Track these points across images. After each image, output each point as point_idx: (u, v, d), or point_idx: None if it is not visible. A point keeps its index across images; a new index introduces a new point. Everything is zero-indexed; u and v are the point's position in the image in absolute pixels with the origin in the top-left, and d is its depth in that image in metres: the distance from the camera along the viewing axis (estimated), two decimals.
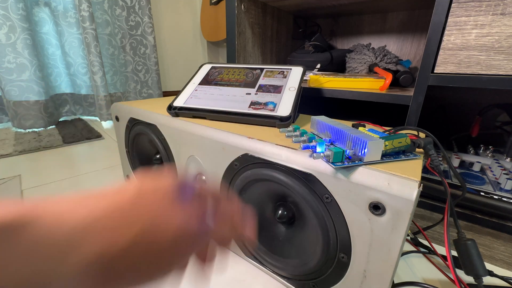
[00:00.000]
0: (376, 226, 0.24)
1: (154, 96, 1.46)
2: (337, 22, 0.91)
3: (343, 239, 0.27)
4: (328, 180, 0.26)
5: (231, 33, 0.69)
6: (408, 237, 0.43)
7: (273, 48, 0.85)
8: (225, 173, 0.36)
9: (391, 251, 0.24)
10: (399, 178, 0.23)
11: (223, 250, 0.21)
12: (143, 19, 1.32)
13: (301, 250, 0.32)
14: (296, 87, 0.42)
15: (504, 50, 0.37)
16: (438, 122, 0.71)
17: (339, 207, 0.26)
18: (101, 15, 1.19)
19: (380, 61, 0.64)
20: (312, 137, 0.30)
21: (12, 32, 0.96)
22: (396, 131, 0.34)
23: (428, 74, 0.42)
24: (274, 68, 0.47)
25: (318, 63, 0.69)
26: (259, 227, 0.36)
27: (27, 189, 0.60)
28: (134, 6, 1.28)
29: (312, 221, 0.29)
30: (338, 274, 0.29)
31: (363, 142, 0.25)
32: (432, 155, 0.29)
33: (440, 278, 0.37)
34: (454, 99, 0.69)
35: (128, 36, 1.31)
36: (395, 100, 0.48)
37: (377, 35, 0.84)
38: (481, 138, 0.63)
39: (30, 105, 1.05)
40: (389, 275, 0.25)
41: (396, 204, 0.22)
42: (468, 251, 0.30)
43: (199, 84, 0.47)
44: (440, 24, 0.40)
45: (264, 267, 0.37)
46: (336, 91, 0.54)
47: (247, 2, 0.69)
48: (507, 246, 0.40)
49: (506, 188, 0.43)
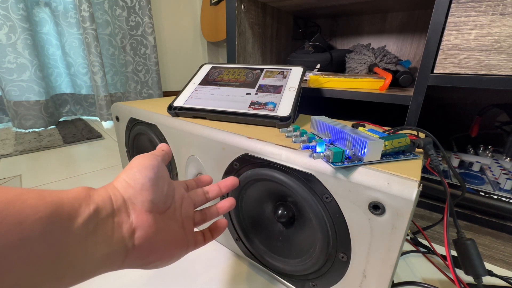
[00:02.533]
0: (376, 226, 0.24)
1: (154, 96, 1.46)
2: (337, 22, 0.91)
3: (343, 239, 0.27)
4: (328, 180, 0.26)
5: (231, 33, 0.69)
6: (408, 237, 0.43)
7: (273, 48, 0.85)
8: (225, 173, 0.36)
9: (390, 251, 0.24)
10: (398, 178, 0.23)
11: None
12: (143, 19, 1.32)
13: (301, 249, 0.32)
14: (296, 87, 0.42)
15: (503, 50, 0.37)
16: (438, 122, 0.71)
17: (338, 207, 0.26)
18: (102, 15, 1.19)
19: (380, 61, 0.64)
20: (312, 137, 0.30)
21: (12, 32, 0.96)
22: (395, 131, 0.34)
23: (427, 74, 0.42)
24: (274, 68, 0.47)
25: (318, 63, 0.69)
26: (259, 227, 0.36)
27: None
28: (134, 6, 1.28)
29: (312, 221, 0.29)
30: (338, 273, 0.29)
31: (363, 142, 0.25)
32: (432, 155, 0.29)
33: (439, 278, 0.37)
34: (454, 99, 0.69)
35: (128, 36, 1.31)
36: (395, 100, 0.48)
37: (377, 35, 0.84)
38: (480, 138, 0.63)
39: (30, 105, 1.05)
40: (389, 275, 0.25)
41: (396, 204, 0.23)
42: (468, 251, 0.30)
43: (199, 84, 0.47)
44: (439, 24, 0.40)
45: (264, 267, 0.37)
46: (336, 91, 0.54)
47: (247, 2, 0.69)
48: (507, 246, 0.40)
49: (505, 188, 0.43)
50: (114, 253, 0.19)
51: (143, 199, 0.21)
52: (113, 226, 0.19)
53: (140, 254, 0.21)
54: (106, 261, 0.18)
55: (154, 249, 0.22)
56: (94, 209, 0.18)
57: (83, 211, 0.17)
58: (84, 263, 0.17)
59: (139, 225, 0.21)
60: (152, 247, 0.21)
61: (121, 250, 0.19)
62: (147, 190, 0.21)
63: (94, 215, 0.18)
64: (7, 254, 0.13)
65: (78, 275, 0.17)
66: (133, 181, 0.21)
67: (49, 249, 0.15)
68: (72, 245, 0.16)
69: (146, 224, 0.21)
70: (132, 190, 0.21)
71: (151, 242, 0.21)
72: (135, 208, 0.21)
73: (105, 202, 0.19)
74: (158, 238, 0.22)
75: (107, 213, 0.19)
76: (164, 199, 0.23)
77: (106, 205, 0.19)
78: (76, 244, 0.16)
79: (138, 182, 0.21)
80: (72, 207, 0.17)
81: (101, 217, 0.18)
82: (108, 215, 0.19)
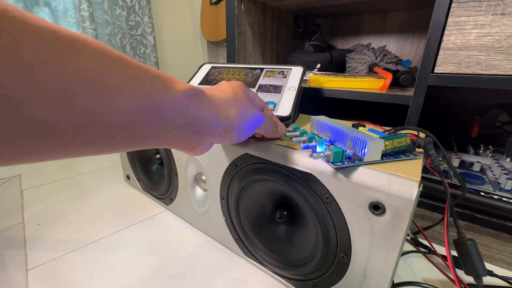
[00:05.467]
0: (376, 226, 0.24)
1: None
2: (337, 22, 0.91)
3: (343, 239, 0.27)
4: (328, 180, 0.26)
5: (231, 33, 0.69)
6: (408, 237, 0.43)
7: (273, 48, 0.85)
8: (225, 173, 0.36)
9: (391, 251, 0.24)
10: (399, 178, 0.23)
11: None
12: (143, 19, 1.32)
13: (301, 250, 0.32)
14: (296, 87, 0.42)
15: (504, 50, 0.37)
16: (438, 122, 0.71)
17: (339, 207, 0.26)
18: (101, 15, 1.19)
19: (380, 61, 0.64)
20: (312, 137, 0.30)
21: None
22: (396, 131, 0.34)
23: (428, 74, 0.42)
24: (274, 68, 0.47)
25: (318, 63, 0.69)
26: (259, 227, 0.36)
27: (27, 189, 0.60)
28: (134, 6, 1.28)
29: (312, 221, 0.29)
30: (338, 274, 0.29)
31: (363, 142, 0.25)
32: (432, 155, 0.29)
33: (440, 278, 0.37)
34: (454, 99, 0.69)
35: (128, 36, 1.31)
36: (395, 100, 0.48)
37: (377, 35, 0.84)
38: (481, 138, 0.63)
39: None
40: (389, 275, 0.25)
41: (396, 204, 0.22)
42: (468, 251, 0.30)
43: (199, 84, 0.47)
44: (440, 24, 0.40)
45: (264, 267, 0.37)
46: (336, 91, 0.54)
47: (247, 2, 0.69)
48: (507, 246, 0.40)
49: (506, 188, 0.43)
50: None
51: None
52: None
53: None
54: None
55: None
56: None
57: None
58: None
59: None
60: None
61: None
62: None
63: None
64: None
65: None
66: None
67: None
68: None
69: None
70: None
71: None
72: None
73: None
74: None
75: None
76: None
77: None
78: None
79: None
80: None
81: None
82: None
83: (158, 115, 0.17)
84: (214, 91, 0.23)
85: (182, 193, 0.46)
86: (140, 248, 0.42)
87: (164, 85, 0.18)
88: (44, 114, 0.12)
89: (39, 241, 0.43)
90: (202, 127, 0.21)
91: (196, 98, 0.20)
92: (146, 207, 0.53)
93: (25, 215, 0.50)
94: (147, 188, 0.55)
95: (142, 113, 0.16)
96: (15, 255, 0.40)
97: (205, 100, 0.21)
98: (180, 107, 0.19)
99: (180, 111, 0.19)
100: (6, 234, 0.45)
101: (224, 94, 0.23)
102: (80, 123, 0.13)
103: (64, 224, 0.48)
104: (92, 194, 0.58)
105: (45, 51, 0.12)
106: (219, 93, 0.23)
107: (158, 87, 0.17)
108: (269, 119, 0.28)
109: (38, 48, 0.11)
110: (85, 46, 0.13)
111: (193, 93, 0.20)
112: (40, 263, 0.39)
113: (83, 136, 0.14)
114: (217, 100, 0.22)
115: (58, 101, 0.12)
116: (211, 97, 0.22)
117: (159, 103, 0.17)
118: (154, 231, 0.46)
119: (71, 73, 0.12)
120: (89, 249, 0.41)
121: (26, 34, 0.11)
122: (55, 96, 0.12)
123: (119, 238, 0.44)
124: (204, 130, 0.21)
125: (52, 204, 0.54)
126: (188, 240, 0.44)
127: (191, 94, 0.19)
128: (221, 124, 0.22)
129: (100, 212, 0.51)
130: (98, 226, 0.47)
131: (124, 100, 0.15)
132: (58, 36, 0.12)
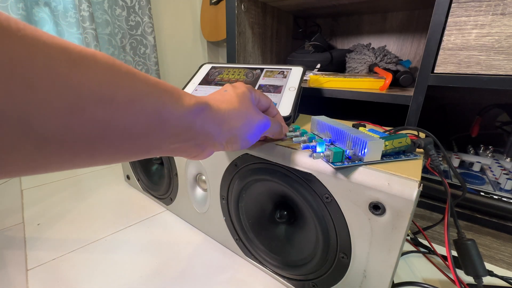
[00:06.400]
0: (376, 226, 0.24)
1: None
2: (337, 22, 0.91)
3: (343, 239, 0.27)
4: (328, 180, 0.26)
5: (231, 33, 0.69)
6: (408, 237, 0.43)
7: (273, 48, 0.85)
8: (225, 173, 0.36)
9: (391, 251, 0.24)
10: (399, 178, 0.23)
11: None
12: (143, 19, 1.32)
13: (301, 250, 0.32)
14: (296, 87, 0.42)
15: (504, 50, 0.37)
16: (438, 122, 0.71)
17: (339, 207, 0.26)
18: (101, 15, 1.19)
19: (380, 61, 0.64)
20: (312, 137, 0.30)
21: None
22: (396, 131, 0.34)
23: (428, 74, 0.42)
24: (274, 68, 0.47)
25: (318, 63, 0.69)
26: (259, 227, 0.36)
27: (27, 189, 0.60)
28: (134, 6, 1.28)
29: (312, 221, 0.29)
30: (338, 274, 0.29)
31: (363, 142, 0.25)
32: (432, 155, 0.29)
33: (440, 278, 0.37)
34: (454, 99, 0.69)
35: (128, 36, 1.31)
36: (395, 100, 0.48)
37: (377, 35, 0.84)
38: (481, 138, 0.63)
39: None
40: (389, 275, 0.25)
41: (396, 204, 0.22)
42: (468, 251, 0.30)
43: (199, 84, 0.47)
44: (440, 24, 0.40)
45: (264, 267, 0.37)
46: (336, 91, 0.54)
47: (247, 2, 0.69)
48: (507, 246, 0.40)
49: (506, 188, 0.43)
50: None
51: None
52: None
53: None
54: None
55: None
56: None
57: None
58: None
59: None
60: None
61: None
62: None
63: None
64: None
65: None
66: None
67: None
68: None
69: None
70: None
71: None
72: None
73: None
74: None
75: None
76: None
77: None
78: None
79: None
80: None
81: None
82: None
83: (164, 129, 0.18)
84: (220, 103, 0.23)
85: (182, 193, 0.46)
86: (140, 248, 0.42)
87: (171, 100, 0.18)
88: (55, 128, 0.12)
89: (39, 241, 0.43)
90: (205, 140, 0.21)
91: (201, 113, 0.20)
92: (146, 207, 0.53)
93: (25, 215, 0.50)
94: (147, 188, 0.55)
95: (149, 127, 0.16)
96: (15, 255, 0.40)
97: (210, 115, 0.21)
98: (186, 122, 0.19)
99: (185, 126, 0.19)
100: (6, 234, 0.45)
101: (229, 106, 0.23)
102: (88, 137, 0.14)
103: (64, 224, 0.48)
104: (92, 194, 0.59)
105: (56, 67, 0.12)
106: (224, 105, 0.23)
107: (165, 102, 0.17)
108: (274, 122, 0.28)
109: (49, 65, 0.12)
110: (94, 62, 0.14)
111: (199, 108, 0.20)
112: (40, 263, 0.39)
113: (91, 148, 0.14)
114: (222, 112, 0.22)
115: (68, 116, 0.12)
116: (216, 110, 0.22)
117: (165, 118, 0.17)
118: (154, 231, 0.46)
119: (81, 89, 0.13)
120: (89, 249, 0.42)
121: (38, 52, 0.11)
122: (65, 111, 0.12)
123: (119, 238, 0.44)
124: (207, 142, 0.22)
125: (52, 204, 0.54)
126: (188, 240, 0.44)
127: (197, 110, 0.20)
128: (224, 136, 0.23)
129: (100, 212, 0.51)
130: (98, 226, 0.47)
131: (132, 114, 0.15)
132: (68, 52, 0.12)
